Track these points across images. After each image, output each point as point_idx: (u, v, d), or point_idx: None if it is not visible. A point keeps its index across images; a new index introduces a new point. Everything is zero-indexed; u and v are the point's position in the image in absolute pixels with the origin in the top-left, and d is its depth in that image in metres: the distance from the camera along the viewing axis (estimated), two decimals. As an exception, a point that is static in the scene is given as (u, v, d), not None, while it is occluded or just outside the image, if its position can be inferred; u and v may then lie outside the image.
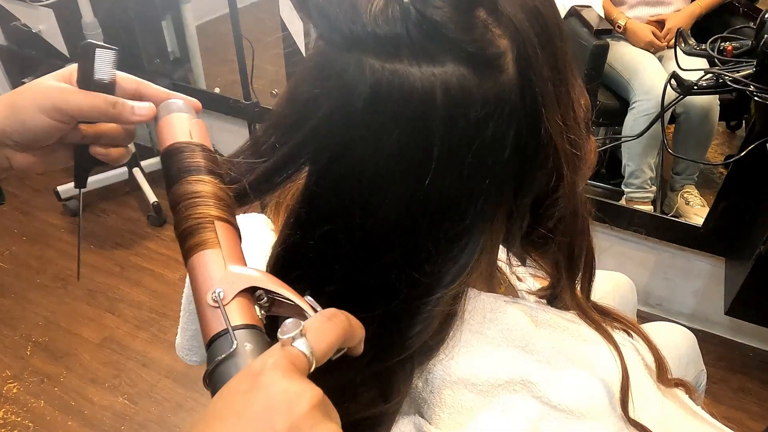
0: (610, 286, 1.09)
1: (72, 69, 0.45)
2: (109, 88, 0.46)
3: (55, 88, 0.44)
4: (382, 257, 0.41)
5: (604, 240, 1.68)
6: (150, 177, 2.10)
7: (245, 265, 0.38)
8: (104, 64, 0.45)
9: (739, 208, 1.39)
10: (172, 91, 0.48)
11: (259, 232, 0.65)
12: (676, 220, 1.60)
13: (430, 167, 0.37)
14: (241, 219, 0.50)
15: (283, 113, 0.43)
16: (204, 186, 0.40)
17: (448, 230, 0.40)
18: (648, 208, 1.73)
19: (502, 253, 0.52)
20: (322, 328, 0.33)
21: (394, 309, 0.42)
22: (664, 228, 1.56)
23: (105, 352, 1.64)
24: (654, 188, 1.75)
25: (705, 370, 1.00)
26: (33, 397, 1.52)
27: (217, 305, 0.34)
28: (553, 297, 0.51)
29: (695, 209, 1.74)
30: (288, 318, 0.32)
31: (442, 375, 0.44)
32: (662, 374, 0.51)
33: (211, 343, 0.34)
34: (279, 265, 0.46)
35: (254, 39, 1.91)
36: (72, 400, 1.51)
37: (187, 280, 0.73)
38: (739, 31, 1.40)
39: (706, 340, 1.66)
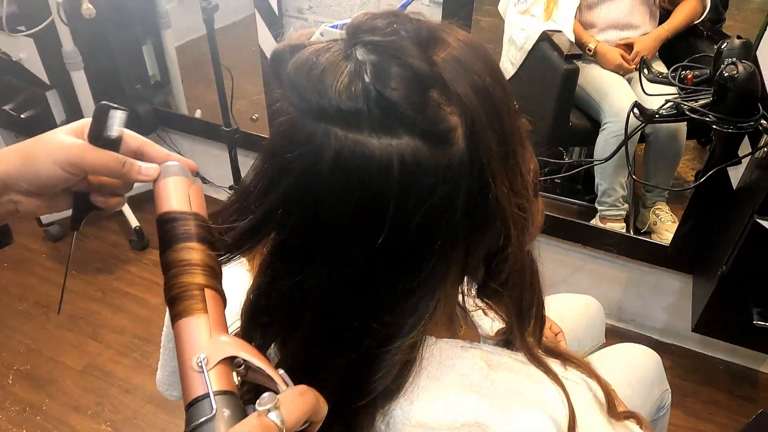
0: (579, 308, 1.13)
1: (82, 124, 0.49)
2: (116, 144, 0.49)
3: (72, 144, 0.47)
4: (346, 308, 0.45)
5: (578, 259, 1.73)
6: (131, 201, 2.11)
7: (227, 332, 0.42)
8: (115, 122, 0.49)
9: (704, 228, 1.44)
10: (171, 152, 0.52)
11: (235, 273, 0.68)
12: (645, 239, 1.65)
13: (384, 227, 0.41)
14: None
15: (258, 175, 0.47)
16: (194, 254, 0.43)
17: (404, 285, 0.44)
18: (621, 225, 1.79)
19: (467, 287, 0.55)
20: (294, 403, 0.36)
21: (357, 356, 0.45)
22: (633, 247, 1.61)
23: (87, 379, 1.64)
24: (626, 206, 1.80)
25: (669, 390, 1.04)
26: (15, 426, 1.52)
27: (200, 370, 0.37)
28: (508, 341, 0.54)
29: (666, 225, 1.79)
30: (266, 392, 0.36)
31: (402, 419, 0.47)
32: (612, 408, 0.55)
33: (192, 405, 0.36)
34: (252, 311, 0.50)
35: (234, 59, 1.94)
36: (54, 429, 1.51)
37: (167, 313, 0.76)
38: (701, 59, 1.46)
39: (677, 354, 1.71)
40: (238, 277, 0.67)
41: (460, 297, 0.55)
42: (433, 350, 0.49)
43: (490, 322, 0.68)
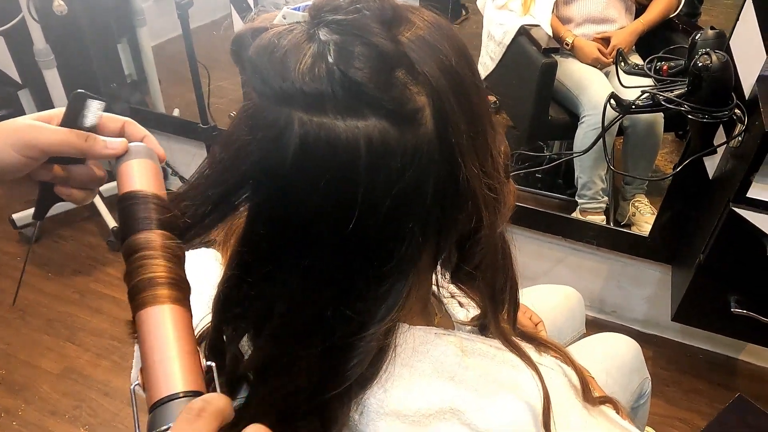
0: (559, 299, 1.13)
1: (53, 112, 0.47)
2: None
3: (28, 125, 0.45)
4: (318, 296, 0.44)
5: (559, 252, 1.73)
6: (109, 202, 2.07)
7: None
8: (91, 113, 0.47)
9: (681, 218, 1.46)
10: (150, 134, 0.51)
11: (209, 265, 0.67)
12: (624, 230, 1.66)
13: (355, 212, 0.40)
14: (192, 252, 0.51)
15: (218, 157, 0.46)
16: (155, 240, 0.41)
17: (376, 271, 0.43)
18: (601, 218, 1.80)
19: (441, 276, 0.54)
20: (191, 428, 0.33)
21: (331, 344, 0.44)
22: (614, 239, 1.62)
23: (65, 383, 1.61)
24: (606, 198, 1.82)
25: (649, 378, 1.04)
26: (-10, 432, 1.49)
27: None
28: (483, 327, 0.54)
29: (645, 217, 1.81)
30: None
31: (376, 407, 0.46)
32: (587, 393, 0.54)
33: (157, 406, 0.35)
34: (222, 303, 0.49)
35: (211, 59, 1.92)
36: (31, 434, 1.49)
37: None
38: (676, 50, 1.47)
39: (658, 345, 1.73)
40: (211, 270, 0.66)
41: (434, 287, 0.54)
42: (407, 337, 0.48)
43: (464, 312, 0.68)
